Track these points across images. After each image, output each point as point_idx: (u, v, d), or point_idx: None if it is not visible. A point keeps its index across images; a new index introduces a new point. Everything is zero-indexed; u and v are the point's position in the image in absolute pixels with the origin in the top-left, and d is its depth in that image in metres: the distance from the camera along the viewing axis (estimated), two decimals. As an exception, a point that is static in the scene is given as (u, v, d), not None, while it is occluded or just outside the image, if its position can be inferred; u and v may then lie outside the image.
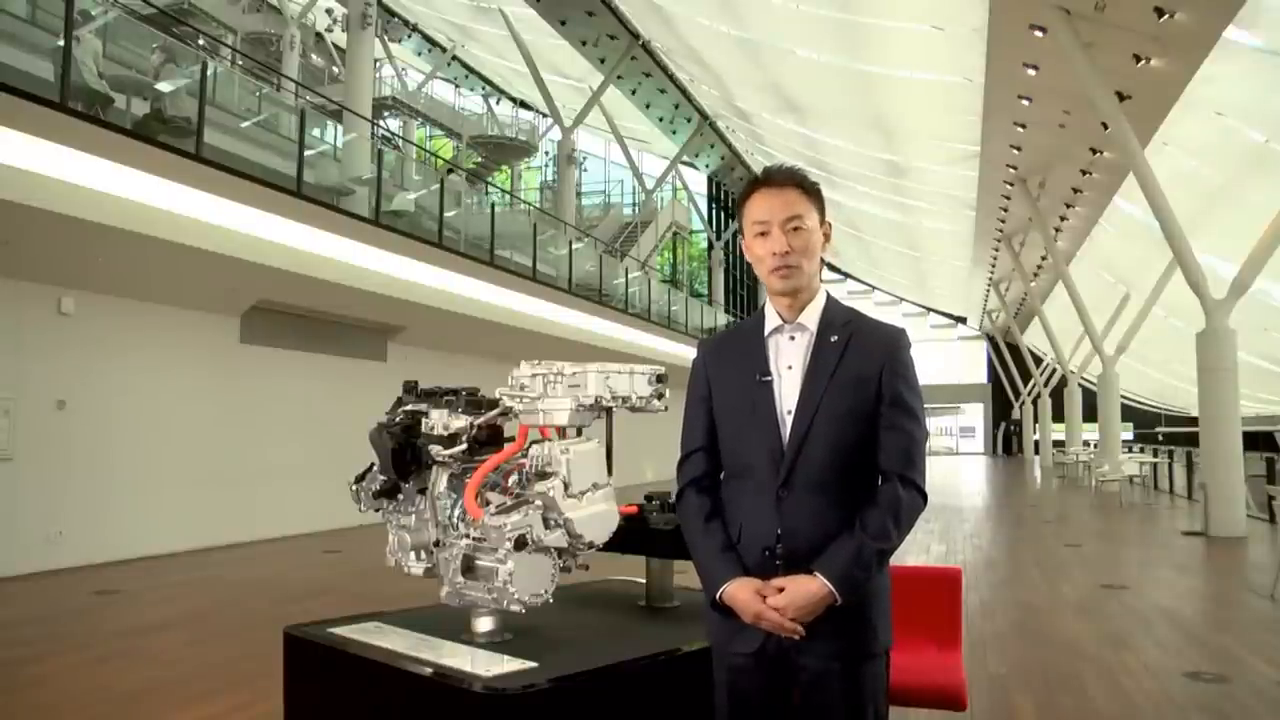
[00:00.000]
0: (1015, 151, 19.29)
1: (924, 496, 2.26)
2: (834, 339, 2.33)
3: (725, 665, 2.37)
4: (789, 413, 2.30)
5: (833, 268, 51.96)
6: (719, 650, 2.39)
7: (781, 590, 2.26)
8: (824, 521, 2.24)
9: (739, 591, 2.30)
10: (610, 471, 2.85)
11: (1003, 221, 25.78)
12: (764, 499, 2.28)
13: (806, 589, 2.21)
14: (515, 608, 2.71)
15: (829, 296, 2.42)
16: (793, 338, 2.38)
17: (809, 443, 2.26)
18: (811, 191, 2.40)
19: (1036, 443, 42.81)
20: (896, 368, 2.29)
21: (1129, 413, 39.10)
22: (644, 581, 3.52)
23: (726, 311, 37.17)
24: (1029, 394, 45.89)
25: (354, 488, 3.09)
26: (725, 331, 2.61)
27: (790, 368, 2.34)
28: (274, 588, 9.18)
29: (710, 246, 42.05)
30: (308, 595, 8.70)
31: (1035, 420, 44.41)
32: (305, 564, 10.89)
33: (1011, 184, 21.87)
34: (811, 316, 2.37)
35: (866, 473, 2.27)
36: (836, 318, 2.37)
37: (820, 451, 2.26)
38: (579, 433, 2.84)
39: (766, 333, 2.40)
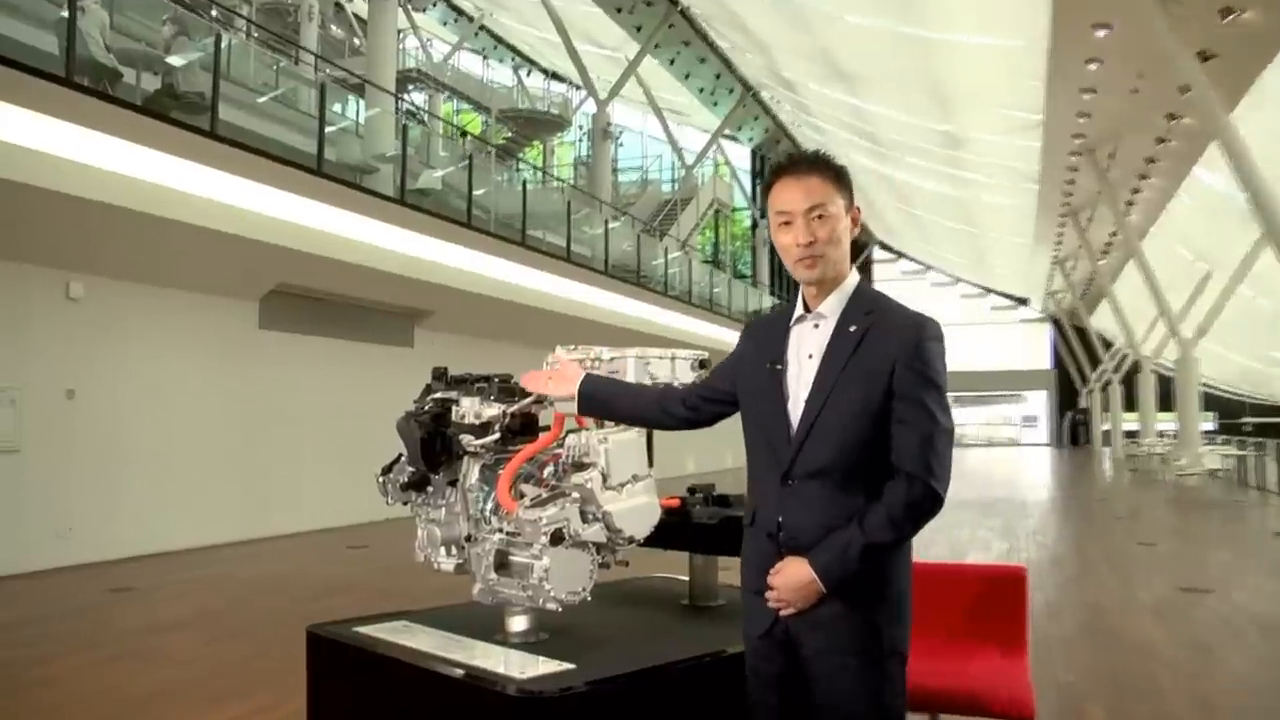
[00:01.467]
0: (1082, 120, 19.01)
1: (935, 495, 2.29)
2: (852, 329, 2.38)
3: (749, 649, 2.50)
4: (803, 402, 2.37)
5: (886, 246, 51.66)
6: (744, 634, 2.51)
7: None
8: (826, 513, 2.32)
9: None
10: (651, 462, 2.87)
11: (1069, 195, 25.47)
12: (771, 485, 2.39)
13: (796, 572, 2.32)
14: (551, 606, 2.71)
15: (860, 284, 2.47)
16: (816, 326, 2.44)
17: (814, 434, 2.34)
18: (836, 176, 2.44)
19: (1106, 433, 42.39)
20: (913, 360, 2.32)
21: (1210, 401, 38.61)
22: (687, 579, 3.52)
23: (771, 293, 37.05)
24: (1098, 381, 45.41)
25: (380, 479, 3.11)
26: (766, 315, 2.70)
27: (810, 357, 2.41)
28: (294, 585, 9.26)
29: (754, 225, 41.93)
30: (330, 593, 8.77)
31: (1105, 409, 43.95)
32: (327, 560, 10.99)
33: (1078, 155, 21.58)
34: (834, 305, 2.43)
35: (878, 468, 2.32)
36: (860, 306, 2.42)
37: (825, 443, 2.33)
38: (618, 422, 2.85)
39: (792, 320, 2.48)
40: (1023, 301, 52.20)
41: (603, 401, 2.73)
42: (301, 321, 13.41)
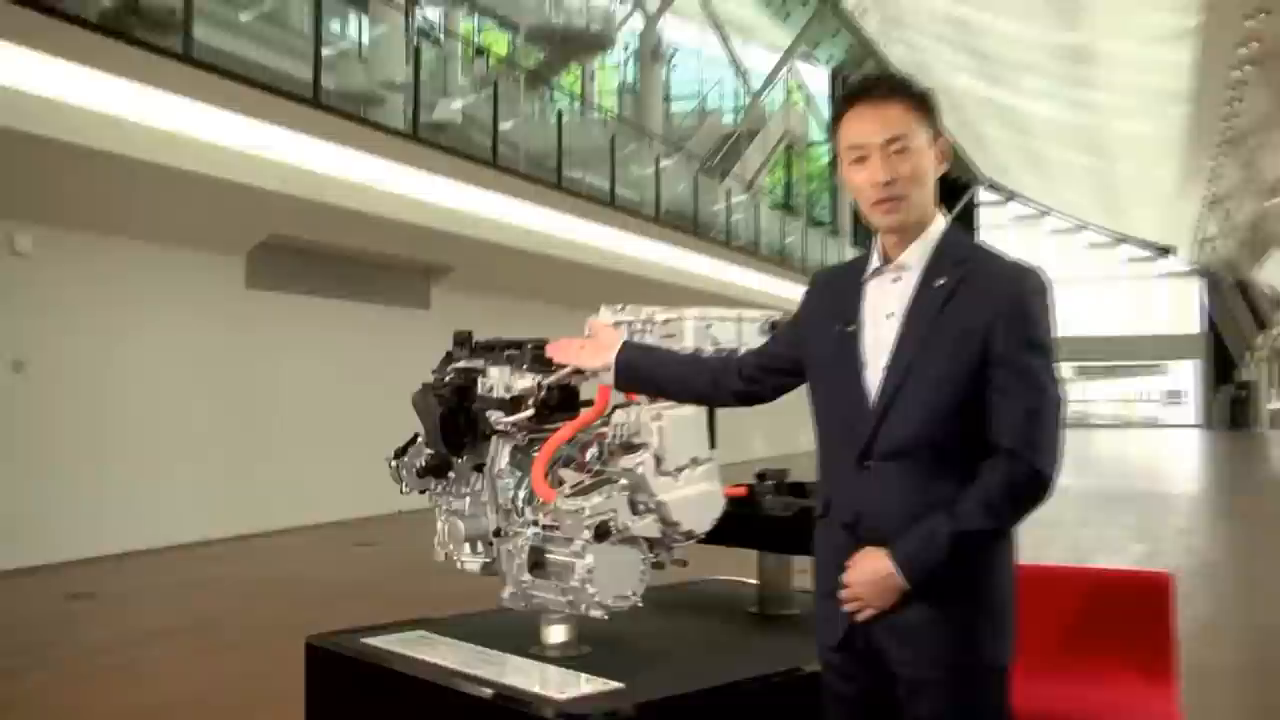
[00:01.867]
0: (1252, 21, 18.49)
1: (1040, 475, 2.30)
2: (940, 282, 2.38)
3: (824, 664, 2.51)
4: (882, 369, 2.38)
5: (994, 186, 51.07)
6: (818, 647, 2.52)
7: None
8: (911, 500, 2.33)
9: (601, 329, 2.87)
10: (713, 443, 2.93)
11: (1231, 118, 24.89)
12: (846, 469, 2.40)
13: (872, 563, 2.32)
14: (595, 613, 2.76)
15: (949, 230, 2.47)
16: (896, 280, 2.44)
17: (896, 407, 2.34)
18: (919, 103, 2.44)
19: (1276, 412, 41.68)
20: (1013, 319, 2.32)
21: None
22: (755, 582, 3.55)
23: (855, 244, 36.78)
24: (1265, 348, 44.64)
25: (393, 464, 3.17)
26: (835, 268, 2.70)
27: (889, 316, 2.41)
28: (293, 589, 9.40)
29: (833, 162, 41.58)
30: (335, 597, 8.88)
31: (1273, 383, 43.23)
32: (331, 560, 11.13)
33: (1245, 67, 21.05)
34: (918, 255, 2.43)
35: (973, 447, 2.33)
36: (950, 256, 2.41)
37: (909, 418, 2.34)
38: (664, 397, 2.89)
39: (867, 274, 2.48)
40: (1166, 251, 51.26)
41: (644, 374, 2.73)
42: (296, 280, 13.48)
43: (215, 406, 12.51)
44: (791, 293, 23.99)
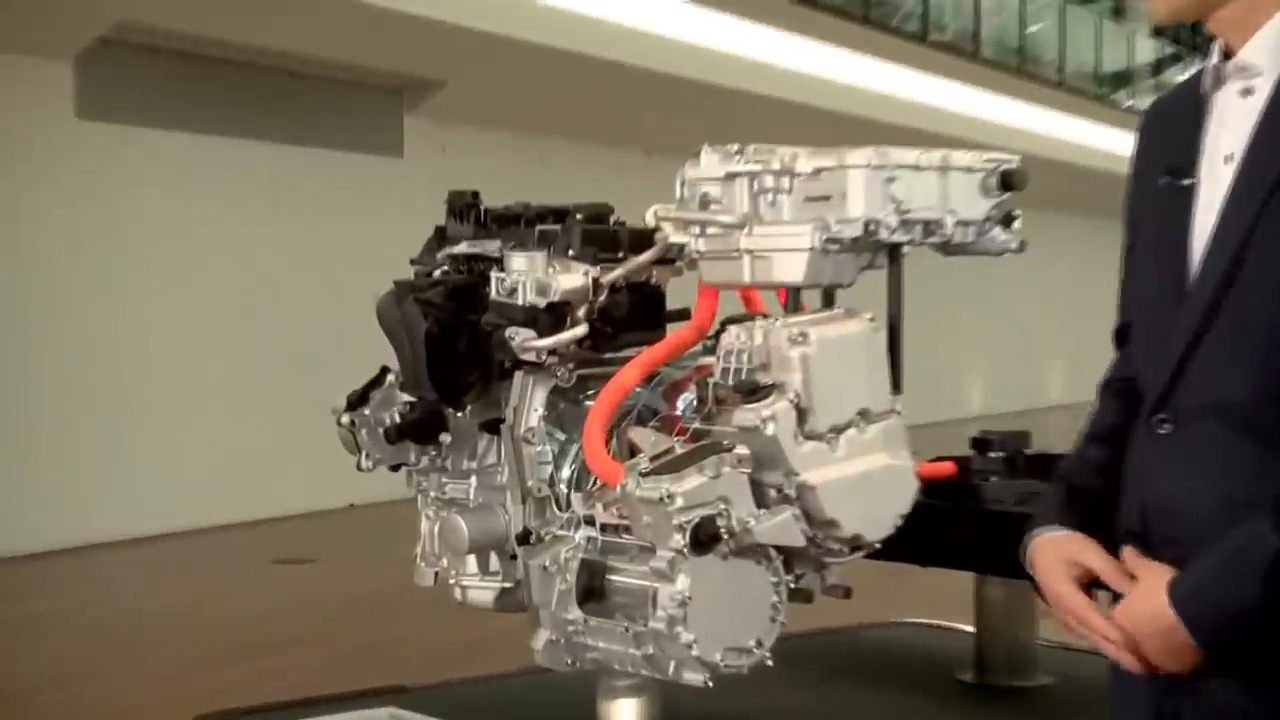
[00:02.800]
0: None
1: None
2: None
3: None
4: (1200, 260, 2.31)
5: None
6: None
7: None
8: (1232, 490, 2.22)
9: (1048, 550, 2.42)
10: (898, 385, 2.84)
11: None
12: (1141, 433, 2.37)
13: (1148, 601, 2.22)
14: (693, 678, 2.64)
15: None
16: (1247, 92, 2.32)
17: (1216, 327, 2.26)
18: None
19: None
20: None
21: None
22: (970, 628, 3.47)
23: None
24: None
25: (345, 421, 3.10)
26: (1177, 88, 2.65)
27: (1229, 160, 2.30)
28: (178, 632, 9.38)
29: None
30: (249, 648, 8.82)
31: None
32: (239, 585, 11.14)
33: None
34: (1270, 47, 2.32)
35: None
36: None
37: (1235, 347, 2.25)
38: (829, 301, 2.83)
39: (1206, 85, 2.38)
40: None
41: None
42: (164, 104, 13.26)
43: (22, 312, 12.21)
44: (1116, 142, 24.11)
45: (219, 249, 13.49)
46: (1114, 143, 23.23)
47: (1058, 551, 2.38)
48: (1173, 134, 2.42)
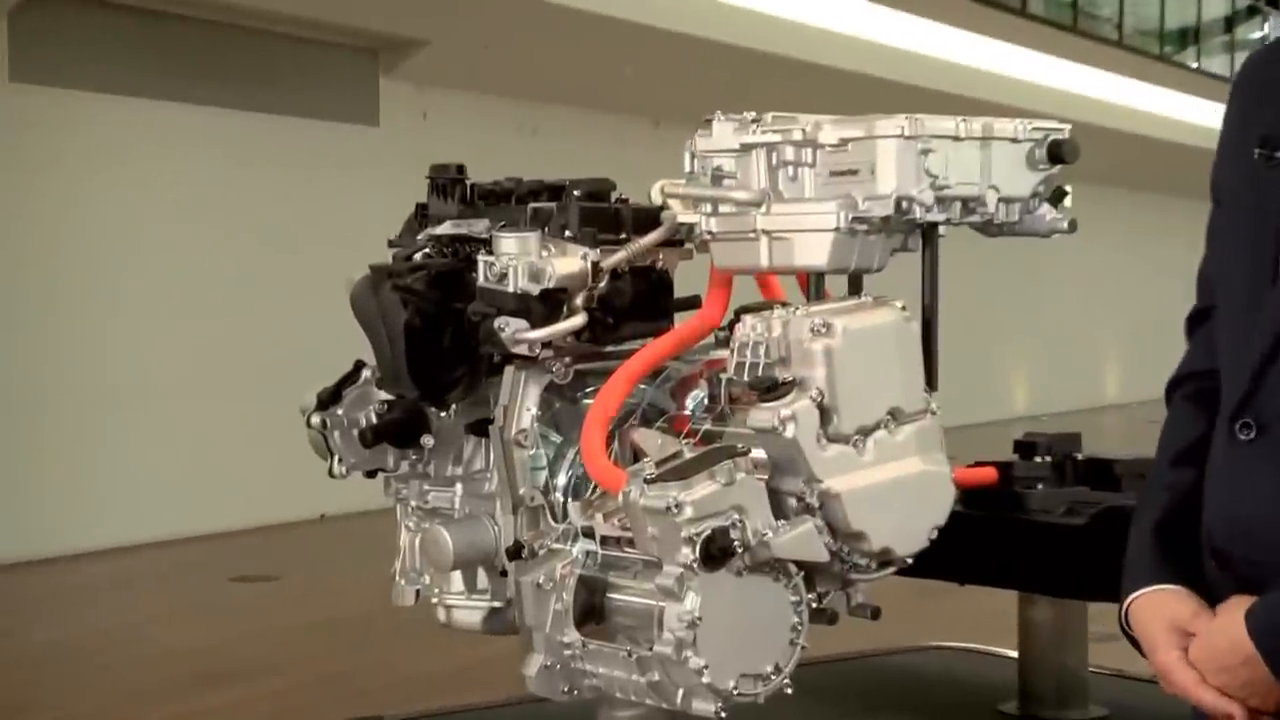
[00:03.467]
0: None
1: None
2: None
3: None
4: None
5: None
6: None
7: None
8: None
9: (1149, 614, 2.42)
10: (933, 382, 2.90)
11: None
12: (1221, 440, 2.37)
13: (1224, 634, 2.27)
14: (704, 707, 2.67)
15: None
16: None
17: None
18: None
19: None
20: None
21: None
22: (1014, 654, 3.47)
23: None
24: None
25: (315, 421, 3.14)
26: (1275, 42, 2.66)
27: None
28: (118, 659, 9.36)
29: None
30: (200, 677, 8.82)
31: None
32: (191, 606, 11.13)
33: None
34: None
35: None
36: None
37: None
38: (856, 288, 2.88)
39: None
40: None
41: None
42: (108, 66, 13.25)
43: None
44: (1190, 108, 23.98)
45: (171, 230, 13.45)
46: (1178, 109, 23.25)
47: (1160, 616, 2.38)
48: (1270, 97, 2.41)
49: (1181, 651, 2.32)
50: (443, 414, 3.02)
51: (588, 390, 2.92)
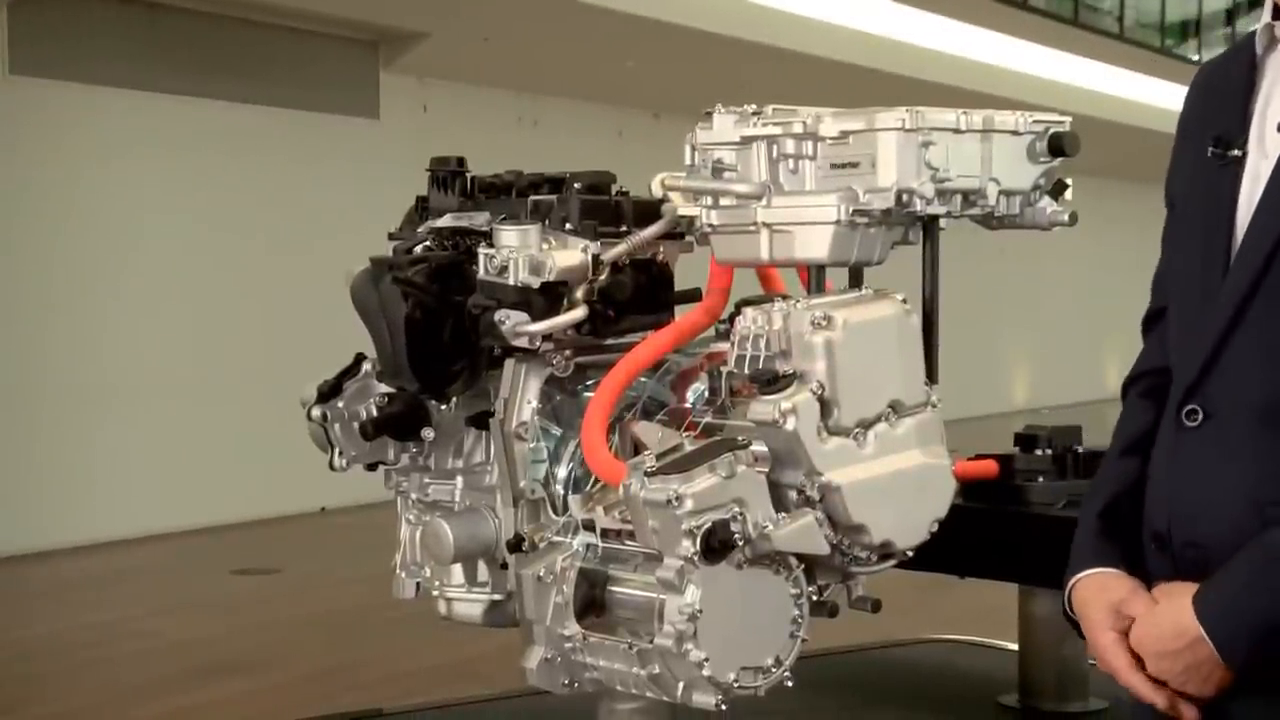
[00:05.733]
0: None
1: None
2: None
3: None
4: (1242, 238, 2.37)
5: None
6: None
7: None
8: (1266, 487, 2.26)
9: (1088, 595, 2.48)
10: (934, 375, 2.91)
11: None
12: (1168, 427, 2.42)
13: (1170, 616, 2.29)
14: (704, 699, 2.67)
15: None
16: None
17: (1252, 311, 2.30)
18: None
19: None
20: None
21: None
22: (1014, 646, 3.46)
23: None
24: None
25: (315, 414, 3.13)
26: (1228, 48, 2.69)
27: None
28: (118, 652, 9.33)
29: None
30: (201, 670, 8.81)
31: None
32: (193, 599, 11.09)
33: None
34: None
35: None
36: None
37: (1274, 334, 2.29)
38: (857, 281, 2.89)
39: (1260, 47, 2.45)
40: None
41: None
42: (107, 58, 13.19)
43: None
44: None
45: (170, 223, 13.39)
46: (1179, 102, 23.16)
47: (1101, 597, 2.43)
48: (1222, 100, 2.46)
49: (1119, 633, 2.36)
50: (443, 407, 3.03)
51: (588, 383, 2.93)
